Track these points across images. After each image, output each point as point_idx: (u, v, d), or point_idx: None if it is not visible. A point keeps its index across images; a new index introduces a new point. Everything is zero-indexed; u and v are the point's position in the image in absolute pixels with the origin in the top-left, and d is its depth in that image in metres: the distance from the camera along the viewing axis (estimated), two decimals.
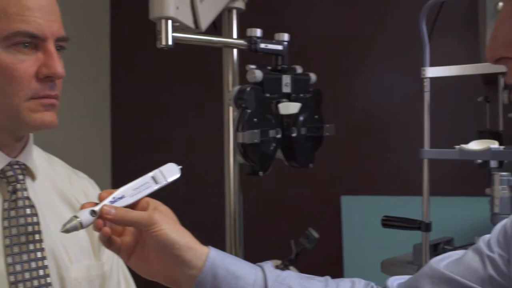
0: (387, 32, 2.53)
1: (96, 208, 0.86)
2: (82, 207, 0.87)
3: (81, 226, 0.85)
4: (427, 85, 1.56)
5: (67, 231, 0.85)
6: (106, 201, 0.88)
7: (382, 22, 2.54)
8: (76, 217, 0.85)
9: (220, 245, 1.61)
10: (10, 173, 1.01)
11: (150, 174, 0.92)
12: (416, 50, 1.64)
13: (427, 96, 1.57)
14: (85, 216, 0.86)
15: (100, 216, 0.86)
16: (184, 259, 0.86)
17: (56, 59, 0.98)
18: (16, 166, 1.02)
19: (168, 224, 0.86)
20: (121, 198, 0.88)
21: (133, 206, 0.90)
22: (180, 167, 0.94)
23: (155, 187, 0.92)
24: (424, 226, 1.55)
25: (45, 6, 0.98)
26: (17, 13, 0.95)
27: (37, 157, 1.11)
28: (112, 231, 0.89)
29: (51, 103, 0.99)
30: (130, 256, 0.91)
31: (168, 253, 0.86)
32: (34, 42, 0.97)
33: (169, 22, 1.28)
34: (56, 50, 0.99)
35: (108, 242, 0.90)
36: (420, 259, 1.57)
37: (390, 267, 1.70)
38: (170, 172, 0.93)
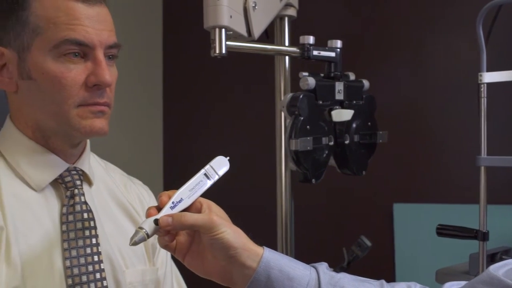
0: (443, 36, 2.48)
1: (159, 216, 0.88)
2: (148, 215, 0.89)
3: (147, 236, 0.87)
4: (483, 90, 1.53)
5: (135, 243, 0.86)
6: (166, 207, 0.89)
7: (438, 25, 2.49)
8: (141, 228, 0.87)
9: None
10: (68, 178, 1.04)
11: (202, 171, 0.93)
12: (473, 54, 1.60)
13: (483, 102, 1.53)
14: (149, 226, 0.87)
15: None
16: (239, 260, 0.87)
17: (104, 68, 0.99)
18: (74, 172, 1.05)
19: (226, 227, 0.87)
20: (179, 201, 0.90)
21: (188, 207, 0.92)
22: (228, 158, 0.96)
23: (209, 183, 0.93)
24: (481, 235, 1.51)
25: (94, 16, 1.00)
26: (66, 22, 0.97)
27: (94, 164, 1.13)
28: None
29: (100, 110, 1.01)
30: (185, 255, 0.92)
31: (224, 254, 0.87)
32: (83, 50, 0.99)
33: (223, 31, 1.29)
34: (106, 58, 1.01)
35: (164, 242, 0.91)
36: (477, 269, 1.53)
37: (445, 277, 1.66)
38: (220, 166, 0.95)
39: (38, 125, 1.02)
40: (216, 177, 0.94)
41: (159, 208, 0.90)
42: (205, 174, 0.93)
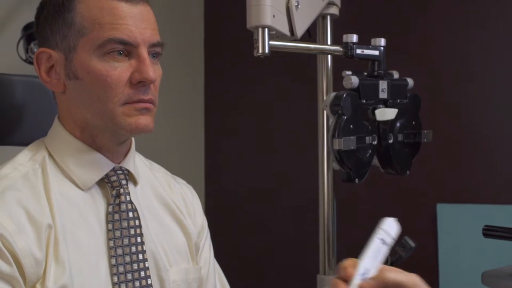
0: (488, 36, 2.43)
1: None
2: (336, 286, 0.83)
3: None
4: None
5: None
6: (356, 277, 0.82)
7: (484, 19, 2.43)
8: None
9: (313, 251, 1.60)
10: (114, 178, 1.05)
11: (378, 237, 0.87)
12: None
13: None
14: None
15: None
16: None
17: (148, 65, 1.01)
18: (120, 172, 1.06)
19: None
20: (366, 273, 0.84)
21: None
22: (396, 219, 0.89)
23: (386, 249, 0.87)
24: None
25: (137, 14, 1.01)
26: (110, 22, 0.99)
27: (139, 163, 1.15)
28: None
29: (145, 107, 1.02)
30: None
31: None
32: (127, 49, 1.00)
33: (266, 30, 1.29)
34: (149, 56, 1.02)
35: None
36: None
37: (492, 279, 1.62)
38: (391, 228, 0.88)
39: (85, 124, 1.04)
40: (392, 242, 0.87)
41: (343, 279, 0.83)
42: (382, 239, 0.86)
